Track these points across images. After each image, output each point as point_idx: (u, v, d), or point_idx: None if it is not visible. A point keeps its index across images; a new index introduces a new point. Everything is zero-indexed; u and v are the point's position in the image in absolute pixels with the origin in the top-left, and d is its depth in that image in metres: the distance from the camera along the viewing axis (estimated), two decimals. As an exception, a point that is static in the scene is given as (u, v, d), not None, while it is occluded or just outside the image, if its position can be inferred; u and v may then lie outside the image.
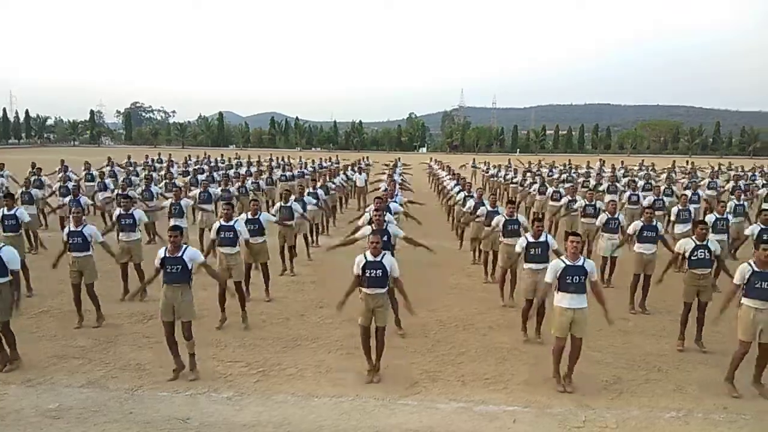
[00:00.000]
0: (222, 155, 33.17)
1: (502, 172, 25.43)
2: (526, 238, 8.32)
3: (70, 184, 15.30)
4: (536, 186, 17.74)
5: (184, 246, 6.98)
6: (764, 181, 22.21)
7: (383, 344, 6.97)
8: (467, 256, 13.59)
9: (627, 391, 6.70)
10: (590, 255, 11.80)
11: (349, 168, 24.92)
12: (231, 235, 8.75)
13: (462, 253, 14.06)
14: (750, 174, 24.85)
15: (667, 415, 6.13)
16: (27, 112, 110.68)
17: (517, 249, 8.41)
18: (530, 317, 8.12)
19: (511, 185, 22.25)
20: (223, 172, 22.49)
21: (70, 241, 8.51)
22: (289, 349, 7.87)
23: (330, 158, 32.22)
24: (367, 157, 32.87)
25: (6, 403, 6.23)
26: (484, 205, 11.92)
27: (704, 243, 7.92)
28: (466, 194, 14.46)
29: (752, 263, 6.55)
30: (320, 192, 15.26)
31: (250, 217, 9.86)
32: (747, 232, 10.51)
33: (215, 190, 15.23)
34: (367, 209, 10.96)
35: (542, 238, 8.24)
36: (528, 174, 22.12)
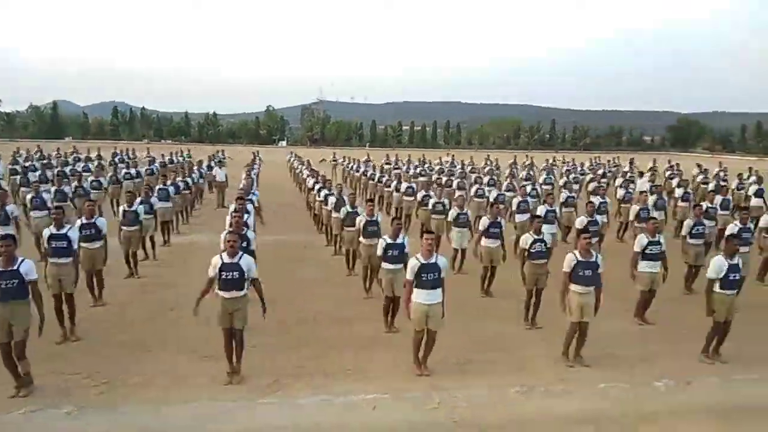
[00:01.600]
0: (58, 149, 30.10)
1: (362, 168, 25.82)
2: (385, 240, 8.48)
3: None
4: (394, 183, 18.26)
5: (20, 258, 6.21)
6: (592, 175, 24.71)
7: (243, 346, 6.80)
8: (329, 249, 13.66)
9: (476, 370, 7.17)
10: (438, 248, 12.43)
11: (204, 163, 23.81)
12: (64, 245, 7.90)
13: (323, 248, 14.10)
14: (579, 168, 27.58)
15: (512, 390, 6.64)
16: None
17: (378, 252, 8.51)
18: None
19: (370, 181, 22.65)
20: (59, 169, 20.28)
21: None
22: (137, 356, 7.36)
23: (182, 151, 30.52)
24: (223, 151, 31.58)
25: None
26: (345, 204, 12.01)
27: (540, 237, 8.71)
28: (327, 192, 14.48)
29: (576, 253, 7.32)
30: (171, 189, 14.49)
31: (85, 221, 9.04)
32: (577, 223, 11.64)
33: (48, 194, 13.34)
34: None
35: (399, 240, 8.43)
36: (385, 169, 22.64)
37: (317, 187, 16.06)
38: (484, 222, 10.41)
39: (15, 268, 6.07)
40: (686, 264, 10.78)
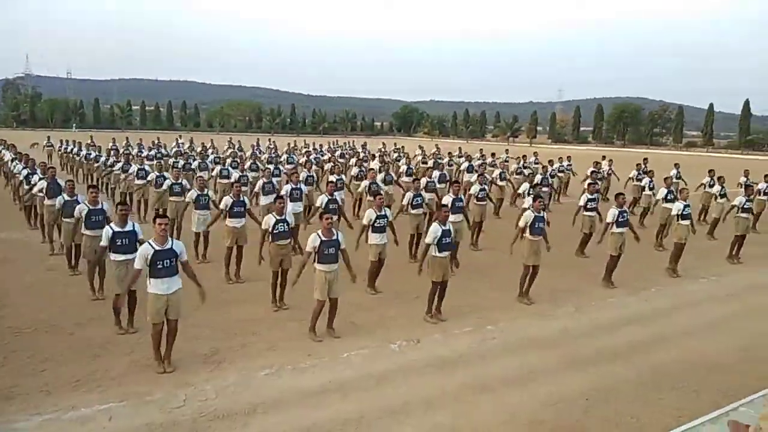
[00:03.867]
0: None
1: (84, 151, 23.09)
2: (111, 228, 7.65)
3: None
4: (120, 164, 16.67)
5: None
6: (329, 155, 26.05)
7: None
8: (46, 247, 11.87)
9: (226, 359, 6.98)
10: (180, 233, 11.81)
11: None
12: None
13: (39, 245, 12.21)
14: (319, 149, 28.83)
15: (261, 374, 6.64)
16: None
17: (103, 242, 7.66)
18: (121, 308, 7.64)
19: (95, 164, 20.39)
20: None
21: None
22: None
23: None
24: None
25: None
26: (61, 194, 10.52)
27: (283, 217, 8.78)
28: (40, 177, 12.56)
29: (319, 233, 7.57)
30: None
31: None
32: (317, 202, 12.04)
33: None
34: None
35: (128, 227, 7.68)
36: (112, 152, 20.54)
37: (25, 172, 13.84)
38: (227, 201, 10.15)
39: None
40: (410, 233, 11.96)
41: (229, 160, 19.02)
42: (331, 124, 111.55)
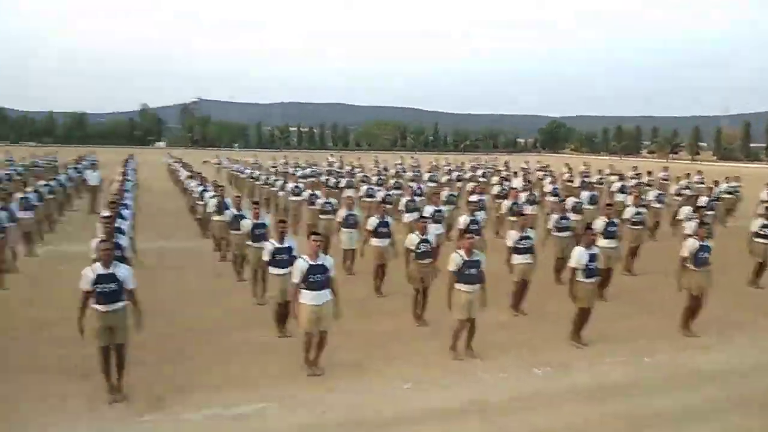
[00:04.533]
0: None
1: (248, 170, 25.29)
2: (272, 244, 8.21)
3: None
4: (280, 183, 18.00)
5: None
6: (471, 173, 25.98)
7: (125, 361, 6.37)
8: (216, 255, 13.16)
9: (370, 369, 7.23)
10: (328, 249, 12.40)
11: (71, 167, 22.08)
12: None
13: (210, 254, 13.56)
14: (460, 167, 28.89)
15: (404, 386, 6.79)
16: None
17: (265, 257, 8.24)
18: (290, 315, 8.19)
19: (257, 183, 22.23)
20: None
21: None
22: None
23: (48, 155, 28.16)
24: (94, 153, 29.52)
25: None
26: (228, 207, 11.66)
27: (425, 237, 8.86)
28: (213, 194, 14.02)
29: (461, 252, 7.50)
30: (31, 197, 13.31)
31: None
32: (460, 223, 11.98)
33: None
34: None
35: (286, 243, 8.15)
36: (272, 170, 22.31)
37: (199, 189, 15.49)
38: (373, 222, 10.52)
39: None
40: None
41: (375, 179, 19.75)
42: (473, 141, 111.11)
